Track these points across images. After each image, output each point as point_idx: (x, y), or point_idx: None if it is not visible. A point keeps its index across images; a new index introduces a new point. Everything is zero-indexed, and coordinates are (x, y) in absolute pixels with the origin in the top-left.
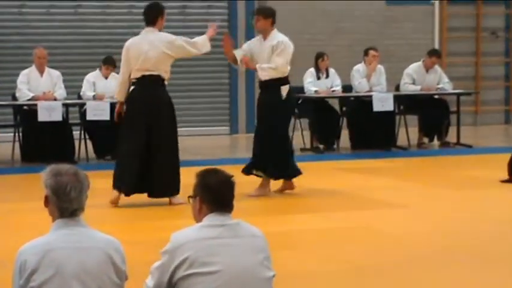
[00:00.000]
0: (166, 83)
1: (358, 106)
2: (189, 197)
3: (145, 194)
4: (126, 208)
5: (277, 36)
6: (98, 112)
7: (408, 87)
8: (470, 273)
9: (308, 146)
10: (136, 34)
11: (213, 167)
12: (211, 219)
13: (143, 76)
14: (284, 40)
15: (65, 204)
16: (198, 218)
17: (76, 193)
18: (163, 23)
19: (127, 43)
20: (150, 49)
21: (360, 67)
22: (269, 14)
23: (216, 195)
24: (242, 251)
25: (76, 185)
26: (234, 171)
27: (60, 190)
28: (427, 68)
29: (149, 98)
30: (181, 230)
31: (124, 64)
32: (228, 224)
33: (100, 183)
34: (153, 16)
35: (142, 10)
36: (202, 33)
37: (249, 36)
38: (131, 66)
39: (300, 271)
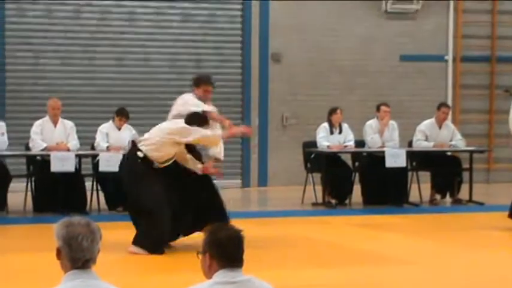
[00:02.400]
0: None
1: (370, 162)
2: (198, 252)
3: None
4: (137, 260)
5: None
6: (111, 163)
7: (421, 144)
8: None
9: (320, 200)
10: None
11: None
12: (222, 275)
13: None
14: None
15: (77, 255)
16: (208, 274)
17: (88, 243)
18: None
19: None
20: None
21: (372, 122)
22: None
23: (226, 251)
24: None
25: (88, 236)
26: (245, 225)
27: (72, 240)
28: (440, 124)
29: None
30: (193, 286)
31: None
32: (239, 281)
33: (111, 235)
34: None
35: (156, 62)
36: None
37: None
38: None
39: None
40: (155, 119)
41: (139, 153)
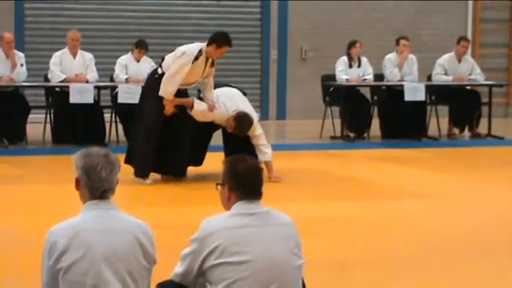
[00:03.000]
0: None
1: (389, 95)
2: (217, 184)
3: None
4: (156, 191)
5: None
6: (130, 95)
7: (440, 78)
8: (498, 267)
9: (338, 134)
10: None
11: (241, 154)
12: (240, 207)
13: None
14: None
15: (96, 184)
16: (227, 205)
17: (107, 173)
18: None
19: None
20: None
21: (391, 56)
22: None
23: (244, 183)
24: (272, 239)
25: (107, 166)
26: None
27: (91, 170)
28: (459, 58)
29: None
30: (210, 217)
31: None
32: (257, 213)
33: (129, 167)
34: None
35: None
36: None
37: (282, 34)
38: None
39: (328, 259)
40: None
41: (159, 70)
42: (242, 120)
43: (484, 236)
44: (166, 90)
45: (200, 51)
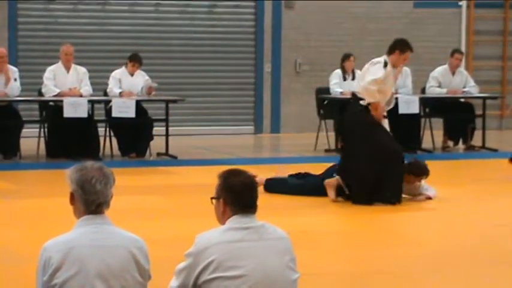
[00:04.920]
0: None
1: None
2: (212, 198)
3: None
4: (150, 205)
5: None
6: (124, 109)
7: (434, 90)
8: (490, 278)
9: (333, 147)
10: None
11: (235, 167)
12: (235, 221)
13: None
14: None
15: (91, 197)
16: (222, 220)
17: (101, 186)
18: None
19: None
20: None
21: None
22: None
23: (239, 197)
24: (267, 254)
25: (101, 179)
26: (257, 171)
27: (86, 183)
28: (453, 70)
29: None
30: (205, 232)
31: None
32: (252, 227)
33: (124, 181)
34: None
35: (168, 8)
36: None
37: (275, 47)
38: None
39: (322, 272)
40: (167, 65)
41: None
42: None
43: (477, 248)
44: (374, 95)
45: (385, 61)
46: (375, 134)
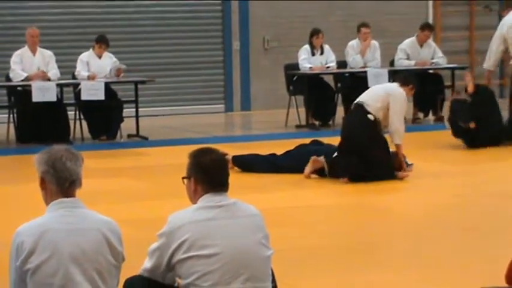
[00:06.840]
0: None
1: (353, 82)
2: (183, 178)
3: None
4: (122, 187)
5: None
6: (93, 92)
7: (402, 63)
8: (462, 248)
9: (304, 122)
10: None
11: (206, 146)
12: (207, 200)
13: None
14: None
15: (63, 174)
16: (194, 199)
17: (71, 163)
18: None
19: None
20: None
21: (354, 43)
22: None
23: (210, 175)
24: (240, 231)
25: (71, 157)
26: (229, 149)
27: (56, 161)
28: (421, 43)
29: None
30: (177, 211)
31: None
32: (224, 205)
33: (95, 164)
34: None
35: None
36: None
37: (243, 24)
38: None
39: (298, 246)
40: (135, 46)
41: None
42: None
43: (452, 219)
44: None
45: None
46: (375, 153)
